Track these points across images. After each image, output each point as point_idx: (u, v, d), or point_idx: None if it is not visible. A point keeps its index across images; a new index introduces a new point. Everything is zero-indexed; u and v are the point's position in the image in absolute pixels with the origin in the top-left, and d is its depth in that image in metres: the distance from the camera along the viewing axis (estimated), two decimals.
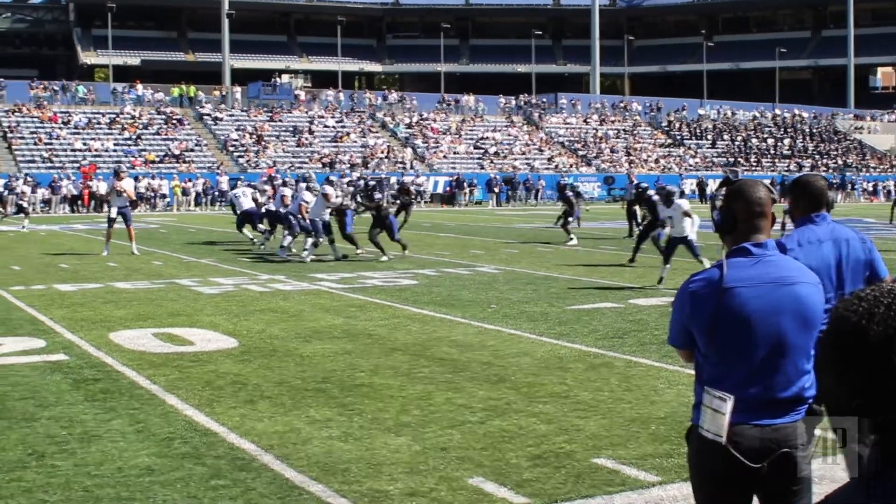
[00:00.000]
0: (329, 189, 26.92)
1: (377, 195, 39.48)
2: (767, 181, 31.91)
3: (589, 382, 11.24)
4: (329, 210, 26.77)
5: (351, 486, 7.67)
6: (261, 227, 30.80)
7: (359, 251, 26.95)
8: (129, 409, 10.01)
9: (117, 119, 70.29)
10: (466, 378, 11.43)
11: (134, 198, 30.68)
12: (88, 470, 8.01)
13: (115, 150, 66.40)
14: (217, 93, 79.53)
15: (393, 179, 66.13)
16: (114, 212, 28.08)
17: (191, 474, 7.88)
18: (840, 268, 6.21)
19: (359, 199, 28.89)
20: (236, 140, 70.74)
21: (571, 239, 31.46)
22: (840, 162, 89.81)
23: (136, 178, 58.32)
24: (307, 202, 26.75)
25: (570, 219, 32.82)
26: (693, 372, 4.72)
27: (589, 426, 9.36)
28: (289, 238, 27.29)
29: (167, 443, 8.78)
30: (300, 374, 11.70)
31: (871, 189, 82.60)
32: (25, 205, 48.98)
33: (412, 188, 45.33)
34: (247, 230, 31.13)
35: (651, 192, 27.42)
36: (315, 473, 7.94)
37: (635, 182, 34.18)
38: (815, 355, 4.04)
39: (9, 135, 66.03)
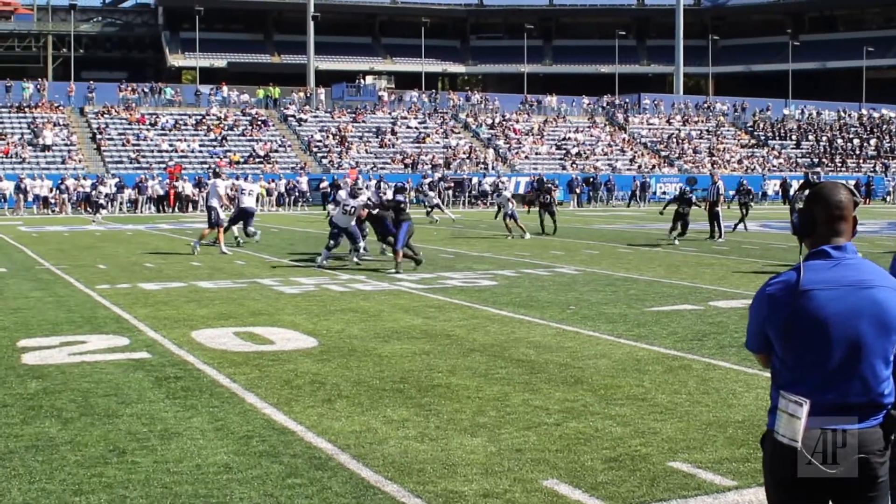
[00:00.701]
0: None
1: (430, 193, 39.37)
2: (852, 183, 31.61)
3: (666, 385, 11.18)
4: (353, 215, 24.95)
5: (426, 486, 7.68)
6: (251, 229, 30.67)
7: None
8: (209, 407, 10.12)
9: (203, 120, 71.05)
10: (543, 379, 11.42)
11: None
12: (168, 467, 8.11)
13: (200, 151, 67.13)
14: (301, 94, 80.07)
15: (475, 180, 66.30)
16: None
17: (268, 472, 7.94)
18: None
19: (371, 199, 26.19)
20: (320, 141, 71.19)
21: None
22: None
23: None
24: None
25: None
26: (769, 375, 4.69)
27: (665, 429, 9.31)
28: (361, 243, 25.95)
29: (245, 441, 8.85)
30: (378, 373, 11.75)
31: None
32: (102, 201, 49.77)
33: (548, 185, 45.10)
34: (235, 229, 31.32)
35: None
36: (390, 473, 7.97)
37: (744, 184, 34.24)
38: None
39: (98, 136, 66.97)
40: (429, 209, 48.35)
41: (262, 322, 15.80)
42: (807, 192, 4.86)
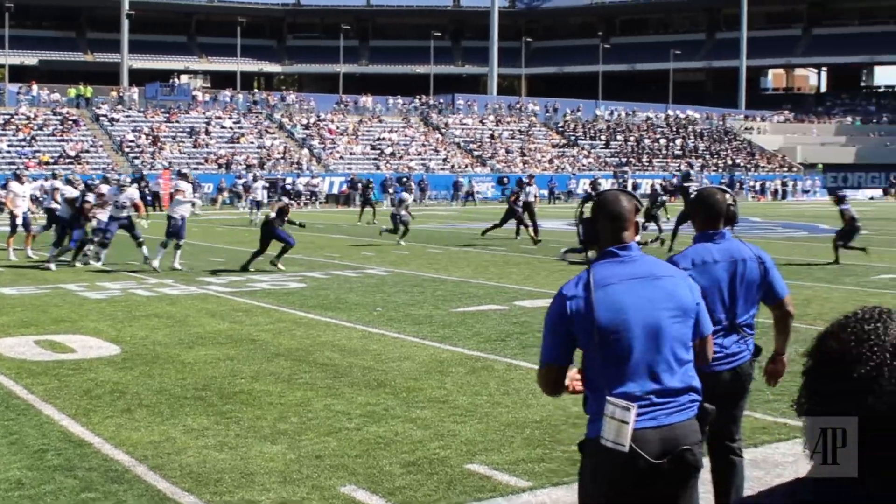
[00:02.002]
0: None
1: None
2: (659, 180, 32.26)
3: (468, 386, 11.29)
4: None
5: (223, 496, 7.63)
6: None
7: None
8: (3, 421, 9.84)
9: (12, 120, 69.09)
10: (347, 383, 11.43)
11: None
12: None
13: (8, 152, 65.26)
14: (114, 93, 78.51)
15: (290, 180, 65.88)
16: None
17: (61, 488, 7.78)
18: (733, 288, 6.26)
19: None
20: (132, 141, 69.87)
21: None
22: (730, 162, 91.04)
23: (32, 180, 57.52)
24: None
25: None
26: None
27: (465, 431, 9.40)
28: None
29: (40, 455, 8.64)
30: (180, 381, 11.59)
31: (758, 188, 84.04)
32: None
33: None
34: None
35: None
36: (187, 484, 7.88)
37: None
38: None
39: None
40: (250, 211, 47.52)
41: (65, 329, 15.41)
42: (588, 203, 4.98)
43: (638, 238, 4.79)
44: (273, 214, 24.94)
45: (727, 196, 6.48)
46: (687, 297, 4.72)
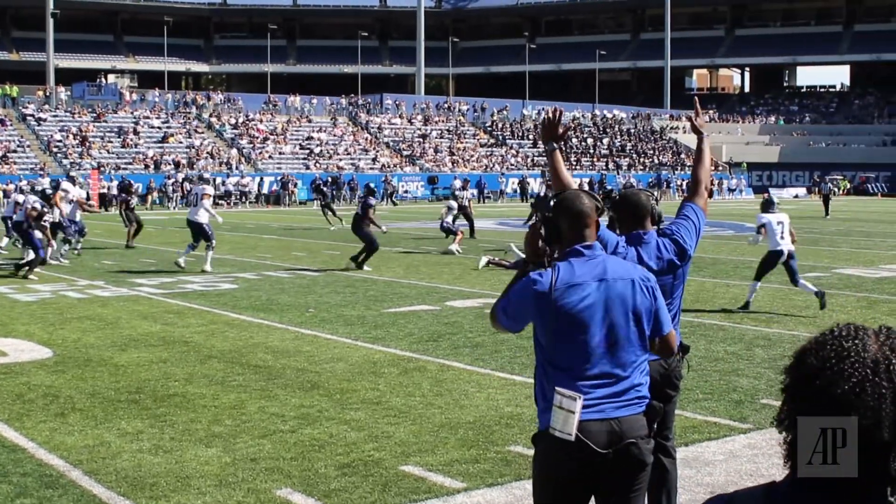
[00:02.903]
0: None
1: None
2: (586, 180, 32.39)
3: (401, 388, 11.32)
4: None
5: (158, 500, 7.61)
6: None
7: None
8: None
9: None
10: (280, 385, 11.41)
11: None
12: None
13: None
14: (41, 93, 77.61)
15: (219, 180, 65.50)
16: None
17: None
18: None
19: None
20: (60, 141, 69.14)
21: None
22: (657, 161, 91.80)
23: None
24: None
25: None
26: (506, 375, 4.84)
27: (399, 433, 9.43)
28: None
29: None
30: (114, 384, 11.52)
31: (685, 187, 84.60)
32: None
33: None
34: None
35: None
36: (123, 489, 7.85)
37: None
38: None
39: None
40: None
41: None
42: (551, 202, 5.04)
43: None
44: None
45: (650, 196, 6.52)
46: (643, 299, 4.82)
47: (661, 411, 4.83)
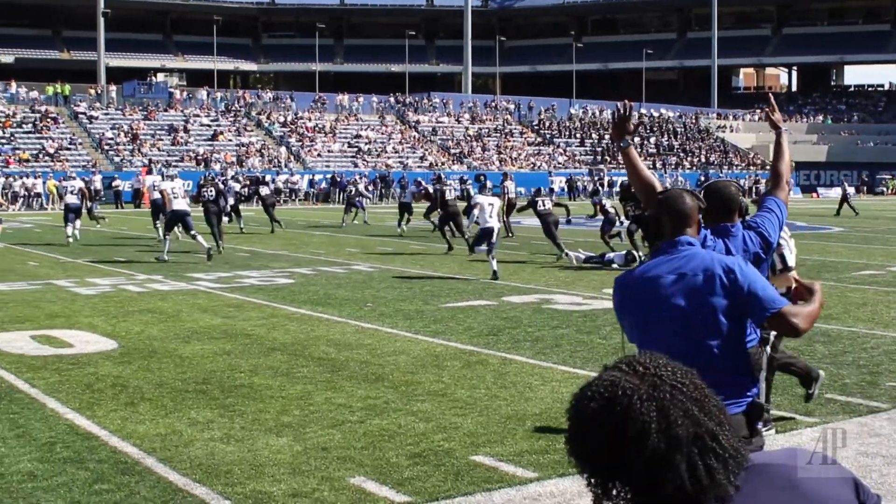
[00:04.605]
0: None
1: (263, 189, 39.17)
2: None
3: (465, 380, 11.33)
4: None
5: (234, 487, 7.64)
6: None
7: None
8: (9, 414, 9.83)
9: None
10: (345, 377, 11.45)
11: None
12: None
13: None
14: (92, 91, 78.26)
15: (269, 178, 65.84)
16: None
17: (73, 479, 7.78)
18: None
19: None
20: (111, 139, 69.69)
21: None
22: (703, 160, 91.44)
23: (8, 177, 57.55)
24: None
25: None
26: (569, 368, 4.84)
27: (466, 424, 9.43)
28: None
29: (49, 447, 8.64)
30: (180, 375, 11.59)
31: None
32: None
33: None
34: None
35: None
36: (198, 476, 7.89)
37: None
38: None
39: None
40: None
41: (60, 325, 15.39)
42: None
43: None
44: None
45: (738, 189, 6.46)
46: (725, 292, 4.69)
47: (765, 410, 4.75)
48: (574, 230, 33.75)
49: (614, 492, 2.12)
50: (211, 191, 28.55)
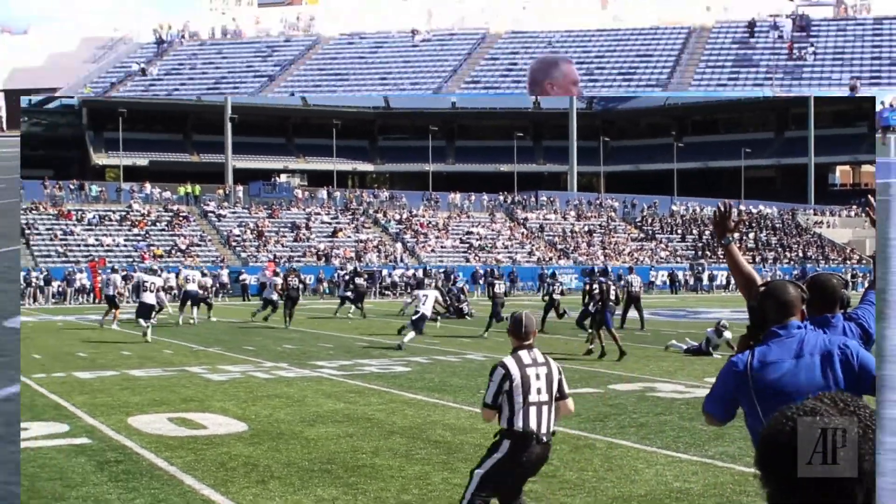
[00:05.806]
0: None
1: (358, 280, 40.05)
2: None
3: (573, 462, 11.44)
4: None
5: None
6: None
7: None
8: (151, 489, 10.17)
9: (127, 216, 70.62)
10: (460, 459, 11.61)
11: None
12: None
13: (125, 245, 66.64)
14: (220, 191, 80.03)
15: (385, 272, 66.54)
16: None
17: None
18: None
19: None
20: (238, 235, 71.08)
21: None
22: (801, 255, 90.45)
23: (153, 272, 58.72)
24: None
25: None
26: (672, 453, 4.96)
27: (575, 503, 9.54)
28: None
29: None
30: (306, 455, 11.87)
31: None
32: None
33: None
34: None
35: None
36: None
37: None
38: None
39: (27, 231, 66.22)
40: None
41: (194, 408, 15.80)
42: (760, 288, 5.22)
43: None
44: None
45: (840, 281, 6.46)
46: (843, 368, 4.80)
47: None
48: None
49: None
50: (295, 280, 34.86)
